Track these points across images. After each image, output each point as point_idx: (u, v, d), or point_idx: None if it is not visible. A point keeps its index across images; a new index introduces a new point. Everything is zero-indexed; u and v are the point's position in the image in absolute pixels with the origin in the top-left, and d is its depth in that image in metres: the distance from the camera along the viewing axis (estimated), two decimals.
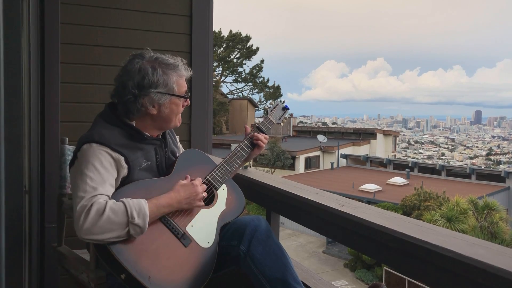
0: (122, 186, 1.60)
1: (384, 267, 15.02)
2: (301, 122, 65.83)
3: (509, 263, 1.12)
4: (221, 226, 1.74)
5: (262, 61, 39.85)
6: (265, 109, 2.12)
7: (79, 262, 1.87)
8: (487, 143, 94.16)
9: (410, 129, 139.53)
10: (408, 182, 23.31)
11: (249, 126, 2.02)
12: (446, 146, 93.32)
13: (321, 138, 31.14)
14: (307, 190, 1.99)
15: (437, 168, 27.83)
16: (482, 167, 49.73)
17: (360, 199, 16.75)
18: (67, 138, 2.08)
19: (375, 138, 35.27)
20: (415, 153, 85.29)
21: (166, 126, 1.75)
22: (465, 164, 62.16)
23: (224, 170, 1.82)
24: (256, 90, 39.85)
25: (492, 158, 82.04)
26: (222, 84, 38.60)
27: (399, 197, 18.89)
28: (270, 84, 39.98)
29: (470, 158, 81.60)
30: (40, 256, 2.60)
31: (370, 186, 21.62)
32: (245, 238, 1.67)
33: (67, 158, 2.05)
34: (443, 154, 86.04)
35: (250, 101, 36.59)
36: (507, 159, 78.57)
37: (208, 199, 1.75)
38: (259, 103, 37.80)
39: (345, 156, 30.52)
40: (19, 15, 2.41)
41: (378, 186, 21.72)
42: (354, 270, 16.93)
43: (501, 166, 66.49)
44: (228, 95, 38.77)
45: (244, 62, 39.16)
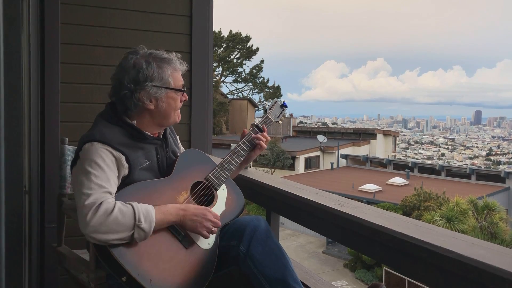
0: (122, 186, 1.60)
1: (384, 267, 15.01)
2: (301, 122, 65.81)
3: (509, 264, 1.12)
4: (221, 226, 1.74)
5: (262, 61, 39.89)
6: (264, 108, 2.11)
7: (79, 262, 1.87)
8: (487, 144, 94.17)
9: (410, 129, 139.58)
10: (408, 183, 23.31)
11: (249, 126, 2.01)
12: (446, 147, 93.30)
13: (321, 138, 31.14)
14: (307, 190, 1.99)
15: (437, 168, 27.82)
16: (482, 168, 49.72)
17: (360, 199, 16.74)
18: (67, 138, 2.08)
19: (375, 138, 35.28)
20: (415, 153, 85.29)
21: (165, 122, 1.74)
22: (465, 164, 62.22)
23: (223, 170, 1.81)
24: (256, 90, 39.88)
25: (492, 158, 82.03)
26: (222, 84, 38.61)
27: (399, 197, 18.90)
28: (270, 84, 40.02)
29: (470, 159, 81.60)
30: (40, 256, 2.60)
31: (370, 186, 21.62)
32: (244, 238, 1.67)
33: (67, 158, 2.06)
34: (443, 155, 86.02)
35: (250, 101, 36.60)
36: (507, 160, 78.55)
37: (208, 200, 1.75)
38: (259, 103, 37.78)
39: (345, 156, 30.52)
40: (19, 15, 2.41)
41: (378, 187, 21.72)
42: (354, 270, 16.93)
43: (501, 166, 66.45)
44: (228, 95, 38.78)
45: (244, 62, 39.18)
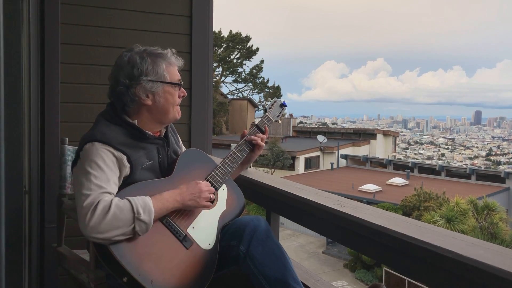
0: (124, 186, 1.60)
1: (384, 268, 15.01)
2: (301, 122, 65.79)
3: (508, 264, 1.12)
4: (221, 226, 1.74)
5: (262, 61, 39.92)
6: (264, 107, 2.12)
7: (79, 262, 1.87)
8: (487, 144, 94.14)
9: (410, 129, 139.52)
10: (408, 183, 23.30)
11: (249, 126, 2.02)
12: (446, 147, 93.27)
13: (321, 138, 31.14)
14: (307, 190, 1.99)
15: (437, 168, 27.82)
16: (482, 168, 49.68)
17: (360, 200, 16.74)
18: (67, 138, 2.08)
19: (375, 138, 35.28)
20: (415, 153, 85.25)
21: (164, 119, 1.73)
22: (465, 164, 62.21)
23: (224, 170, 1.81)
24: (256, 91, 39.91)
25: (492, 158, 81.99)
26: (222, 84, 38.62)
27: (399, 197, 18.90)
28: (270, 84, 40.05)
29: (470, 159, 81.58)
30: (40, 256, 2.60)
31: (370, 187, 21.62)
32: (244, 238, 1.67)
33: (67, 158, 2.05)
34: (443, 155, 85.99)
35: (250, 101, 36.62)
36: (507, 160, 78.53)
37: (208, 200, 1.75)
38: (259, 104, 37.80)
39: (345, 156, 30.52)
40: (19, 15, 2.41)
41: (378, 187, 21.72)
42: (354, 271, 16.93)
43: (501, 166, 66.41)
44: (228, 96, 38.80)
45: (244, 62, 39.21)
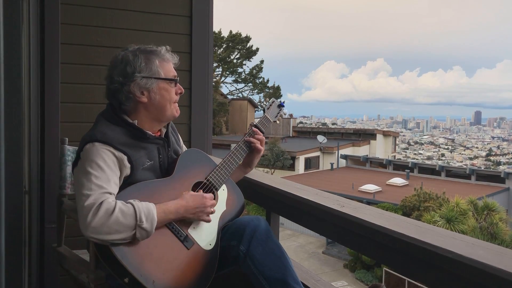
0: (124, 186, 1.60)
1: (383, 268, 15.02)
2: (301, 122, 65.76)
3: (508, 264, 1.12)
4: (221, 227, 1.74)
5: (262, 61, 39.95)
6: (262, 107, 2.11)
7: (79, 263, 1.87)
8: (487, 144, 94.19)
9: (410, 129, 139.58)
10: (408, 183, 23.29)
11: (248, 126, 2.01)
12: (446, 147, 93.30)
13: (321, 138, 31.14)
14: (307, 190, 1.99)
15: (437, 168, 27.81)
16: (482, 168, 49.70)
17: (360, 200, 16.74)
18: (67, 139, 2.08)
19: (375, 138, 35.28)
20: (415, 153, 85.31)
21: (162, 116, 1.72)
22: (464, 164, 62.23)
23: (224, 170, 1.81)
24: (256, 91, 39.94)
25: (491, 159, 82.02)
26: (222, 84, 38.63)
27: (399, 197, 18.89)
28: (270, 84, 40.08)
29: (470, 159, 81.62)
30: (40, 256, 2.60)
31: (370, 187, 21.61)
32: (244, 238, 1.67)
33: (67, 159, 2.05)
34: (443, 155, 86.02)
35: (250, 101, 36.63)
36: (507, 160, 78.53)
37: None
38: (259, 104, 37.80)
39: (345, 156, 30.51)
40: (19, 15, 2.41)
41: (378, 187, 21.71)
42: (353, 271, 16.93)
43: (500, 167, 66.41)
44: (228, 96, 38.83)
45: (244, 62, 39.24)
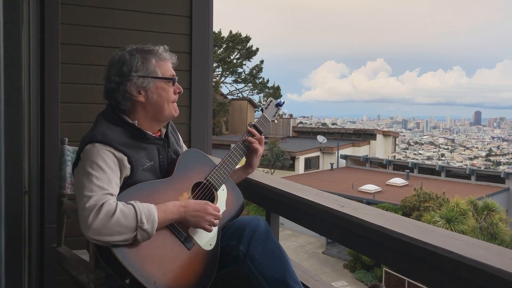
0: (124, 186, 1.59)
1: (383, 268, 15.02)
2: (300, 122, 65.77)
3: (508, 264, 1.12)
4: (221, 227, 1.74)
5: (262, 61, 39.97)
6: (260, 107, 2.11)
7: (79, 263, 1.86)
8: (487, 144, 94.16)
9: (409, 130, 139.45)
10: (407, 183, 23.29)
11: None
12: (446, 147, 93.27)
13: (320, 138, 31.14)
14: (307, 190, 1.99)
15: (436, 169, 27.81)
16: (482, 168, 49.71)
17: (359, 200, 16.74)
18: (67, 139, 2.08)
19: (375, 139, 35.27)
20: (415, 154, 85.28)
21: (161, 116, 1.71)
22: (464, 165, 62.23)
23: (223, 170, 1.81)
24: (256, 91, 39.96)
25: (491, 159, 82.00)
26: (222, 84, 38.65)
27: (399, 198, 18.89)
28: (270, 84, 40.09)
29: (470, 159, 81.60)
30: (39, 256, 2.60)
31: (370, 187, 21.61)
32: (244, 238, 1.67)
33: (67, 159, 2.05)
34: (443, 155, 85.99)
35: (250, 101, 36.61)
36: (507, 160, 78.52)
37: (208, 200, 1.74)
38: (258, 104, 37.77)
39: (344, 156, 30.52)
40: (19, 15, 2.41)
41: (378, 187, 21.71)
42: (353, 271, 16.93)
43: (500, 167, 66.39)
44: (228, 96, 38.84)
45: (244, 62, 39.26)
